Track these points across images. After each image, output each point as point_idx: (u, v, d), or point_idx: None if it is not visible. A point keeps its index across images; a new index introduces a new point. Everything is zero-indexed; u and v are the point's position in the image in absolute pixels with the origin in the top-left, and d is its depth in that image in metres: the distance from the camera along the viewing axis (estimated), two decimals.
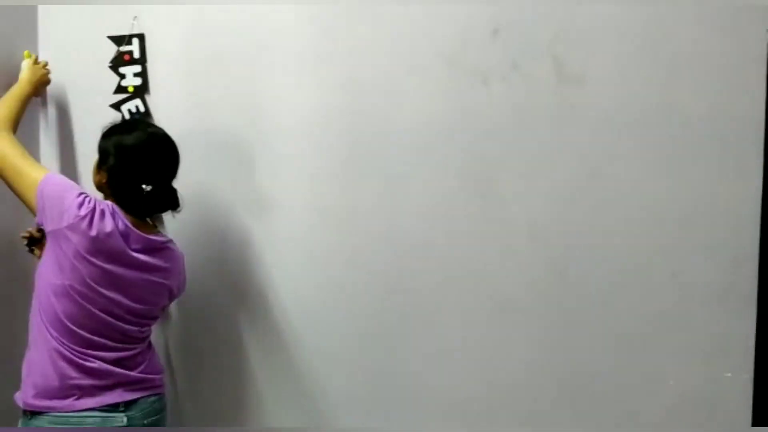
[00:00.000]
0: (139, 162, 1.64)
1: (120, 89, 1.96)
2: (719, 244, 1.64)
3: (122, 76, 1.95)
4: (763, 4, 1.59)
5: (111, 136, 1.68)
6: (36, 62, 1.92)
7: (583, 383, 1.73)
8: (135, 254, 1.62)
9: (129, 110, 1.95)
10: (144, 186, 1.63)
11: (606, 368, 1.71)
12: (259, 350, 1.93)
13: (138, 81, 1.94)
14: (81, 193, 1.60)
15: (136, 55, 1.94)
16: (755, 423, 1.63)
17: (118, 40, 1.95)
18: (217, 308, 1.95)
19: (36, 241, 1.86)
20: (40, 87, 1.92)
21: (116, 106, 1.95)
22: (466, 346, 1.79)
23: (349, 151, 1.84)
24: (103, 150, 1.68)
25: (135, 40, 1.94)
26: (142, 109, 1.94)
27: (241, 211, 1.91)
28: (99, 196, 1.70)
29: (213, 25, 1.91)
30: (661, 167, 1.66)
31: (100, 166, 1.68)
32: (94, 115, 1.90)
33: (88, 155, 1.91)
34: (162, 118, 1.94)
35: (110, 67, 1.96)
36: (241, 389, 1.95)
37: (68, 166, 2.01)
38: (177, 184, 1.77)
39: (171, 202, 1.70)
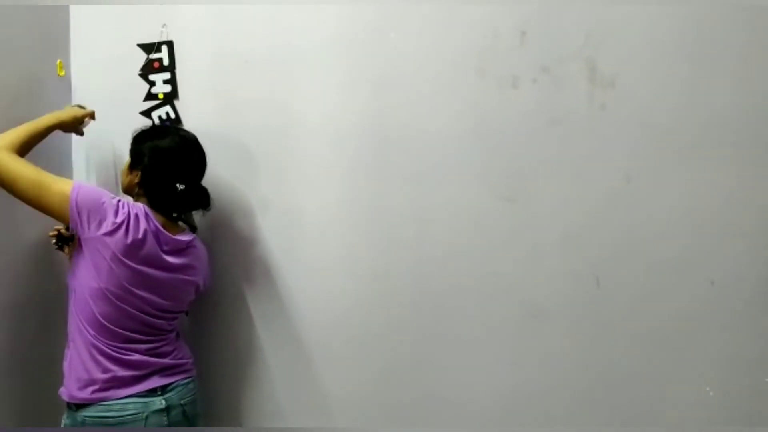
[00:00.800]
0: (173, 163, 1.73)
1: (150, 96, 1.97)
2: (758, 249, 1.60)
3: (152, 84, 1.97)
4: None
5: (145, 140, 1.75)
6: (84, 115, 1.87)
7: (618, 392, 1.70)
8: (166, 256, 1.69)
9: (159, 117, 1.96)
10: (178, 185, 1.71)
11: (642, 377, 1.68)
12: (279, 351, 1.94)
13: (168, 88, 1.96)
14: (114, 199, 1.66)
15: (166, 62, 1.95)
16: None
17: (148, 47, 1.97)
18: (240, 307, 1.96)
19: (65, 240, 1.88)
20: (67, 122, 1.81)
21: (147, 113, 1.97)
22: (496, 354, 1.77)
23: (377, 154, 1.83)
24: (137, 152, 1.75)
25: (164, 48, 1.95)
26: (172, 115, 1.96)
27: (268, 213, 1.92)
28: (127, 198, 1.76)
29: (240, 31, 1.92)
30: (696, 170, 1.63)
31: (133, 167, 1.75)
32: (125, 122, 1.92)
33: (120, 161, 1.94)
34: (191, 124, 1.95)
35: (140, 74, 1.97)
36: (258, 389, 1.96)
37: (100, 171, 2.03)
38: (206, 185, 1.83)
39: (202, 200, 1.78)
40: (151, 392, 1.67)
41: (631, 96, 1.66)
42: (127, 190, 1.79)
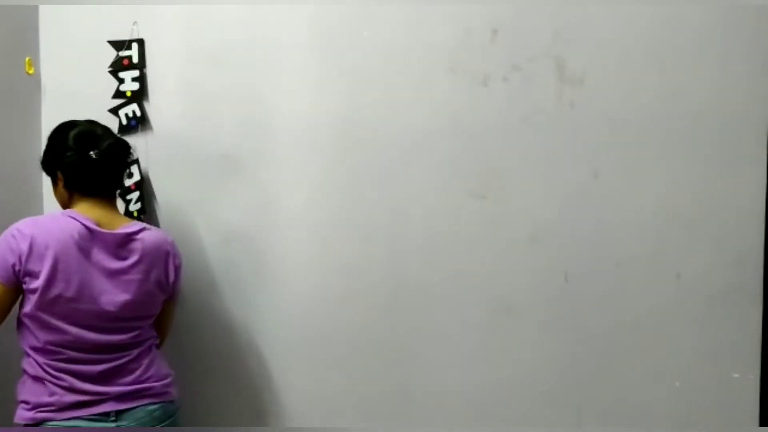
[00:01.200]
0: (75, 142, 1.61)
1: (119, 94, 1.95)
2: (723, 243, 1.64)
3: (121, 81, 1.95)
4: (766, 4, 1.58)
5: (50, 154, 1.66)
6: None
7: (587, 385, 1.71)
8: (104, 260, 1.55)
9: (126, 115, 1.94)
10: (91, 153, 1.59)
11: (610, 370, 1.70)
12: (260, 355, 1.92)
13: (136, 86, 1.94)
14: (10, 240, 1.51)
15: (135, 60, 1.94)
16: (762, 423, 1.61)
17: (118, 45, 1.95)
18: (216, 312, 1.93)
19: None
20: None
21: (114, 110, 1.95)
22: (468, 349, 1.78)
23: (349, 154, 1.84)
24: (50, 167, 1.67)
25: (134, 45, 1.94)
26: (138, 113, 1.93)
27: (240, 215, 1.90)
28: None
29: (212, 31, 1.91)
30: (663, 167, 1.66)
31: (55, 179, 1.66)
32: (94, 119, 1.89)
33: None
34: (160, 123, 1.94)
35: (110, 71, 1.95)
36: (243, 394, 1.94)
37: None
38: (176, 188, 1.88)
39: (120, 147, 1.65)
40: (103, 416, 1.52)
41: (600, 93, 1.69)
42: (65, 204, 1.66)
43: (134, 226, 1.64)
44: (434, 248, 1.79)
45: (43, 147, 1.96)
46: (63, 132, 1.65)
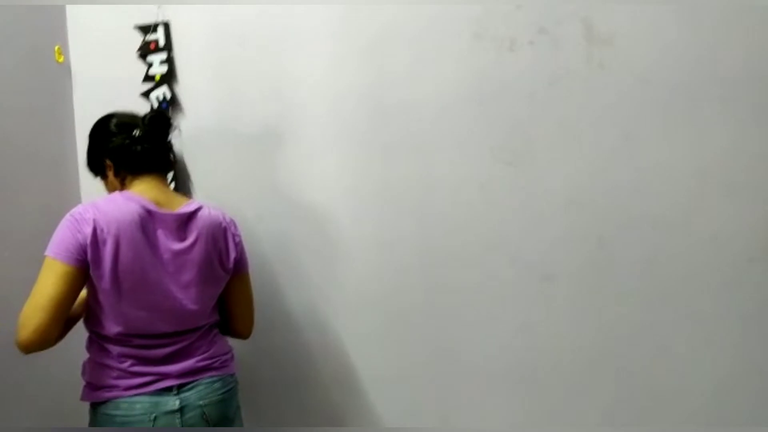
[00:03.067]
0: (122, 126, 1.61)
1: (148, 78, 1.97)
2: (760, 205, 1.59)
3: (150, 65, 1.97)
4: None
5: (93, 149, 1.66)
6: None
7: (624, 349, 1.70)
8: (165, 244, 1.54)
9: (157, 98, 1.96)
10: (134, 132, 1.59)
11: (646, 333, 1.68)
12: (296, 330, 1.94)
13: (164, 69, 1.96)
14: (73, 223, 1.48)
15: (162, 43, 1.95)
16: None
17: (145, 29, 1.96)
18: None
19: None
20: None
21: (145, 94, 1.98)
22: (506, 317, 1.78)
23: (377, 124, 1.83)
24: (96, 157, 1.65)
25: (160, 29, 1.95)
26: (168, 96, 1.96)
27: (273, 192, 1.92)
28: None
29: (236, 10, 1.91)
30: (696, 128, 1.62)
31: (104, 171, 1.65)
32: (126, 105, 1.90)
33: None
34: (190, 105, 1.96)
35: (138, 55, 1.97)
36: (286, 369, 1.96)
37: None
38: (210, 168, 1.91)
39: (160, 118, 1.65)
40: (165, 390, 1.53)
41: (630, 54, 1.65)
42: (115, 190, 1.65)
43: (192, 204, 1.62)
44: (464, 216, 1.78)
45: (78, 136, 2.03)
46: (103, 124, 1.65)
